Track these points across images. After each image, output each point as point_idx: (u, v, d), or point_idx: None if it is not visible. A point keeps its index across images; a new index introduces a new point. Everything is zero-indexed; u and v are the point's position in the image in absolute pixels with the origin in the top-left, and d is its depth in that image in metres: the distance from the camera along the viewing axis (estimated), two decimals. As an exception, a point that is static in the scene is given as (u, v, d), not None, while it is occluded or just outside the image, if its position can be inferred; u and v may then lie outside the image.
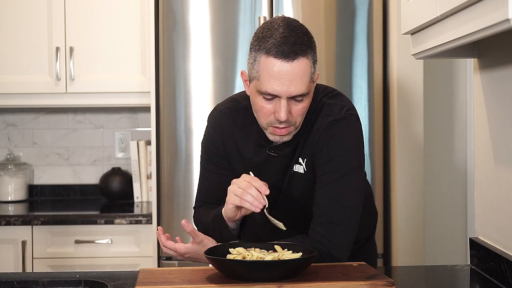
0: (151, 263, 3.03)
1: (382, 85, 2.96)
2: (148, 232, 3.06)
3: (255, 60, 1.70)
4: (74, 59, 3.26)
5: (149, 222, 3.06)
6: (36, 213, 3.22)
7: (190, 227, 1.75)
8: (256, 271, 1.52)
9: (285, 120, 1.69)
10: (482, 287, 1.73)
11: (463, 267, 1.91)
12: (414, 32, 1.72)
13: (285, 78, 1.65)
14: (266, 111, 1.72)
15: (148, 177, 3.49)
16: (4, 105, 3.33)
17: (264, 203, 1.70)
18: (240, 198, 1.70)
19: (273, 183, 1.87)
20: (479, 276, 1.79)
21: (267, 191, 1.70)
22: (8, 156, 3.61)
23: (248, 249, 1.65)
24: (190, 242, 1.79)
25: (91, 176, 3.69)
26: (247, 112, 1.84)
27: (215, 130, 1.92)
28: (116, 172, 3.55)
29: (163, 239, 1.81)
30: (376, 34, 2.93)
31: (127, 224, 3.06)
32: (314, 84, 1.76)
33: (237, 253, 1.62)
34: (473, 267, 1.87)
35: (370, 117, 2.92)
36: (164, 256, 2.98)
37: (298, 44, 1.65)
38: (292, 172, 1.83)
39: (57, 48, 3.25)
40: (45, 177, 3.69)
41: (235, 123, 1.89)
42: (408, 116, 2.93)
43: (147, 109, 3.46)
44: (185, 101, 2.94)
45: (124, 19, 3.28)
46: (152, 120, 3.01)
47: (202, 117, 2.86)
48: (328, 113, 1.79)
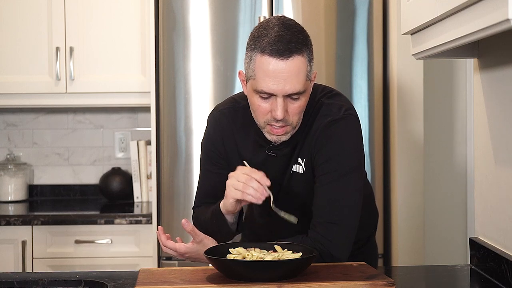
0: (151, 263, 3.03)
1: (382, 85, 2.96)
2: (148, 232, 3.06)
3: (250, 59, 1.70)
4: (74, 59, 3.26)
5: (149, 222, 3.06)
6: (36, 213, 3.22)
7: (190, 226, 1.75)
8: (256, 271, 1.52)
9: (281, 118, 1.69)
10: (482, 287, 1.73)
11: (463, 267, 1.91)
12: (414, 32, 1.72)
13: (280, 76, 1.65)
14: (262, 110, 1.72)
15: (148, 177, 3.49)
16: (4, 105, 3.33)
17: (266, 194, 1.69)
18: (242, 192, 1.70)
19: (272, 183, 1.87)
20: (479, 276, 1.79)
21: (268, 181, 1.70)
22: (8, 156, 3.61)
23: (248, 249, 1.65)
24: (190, 241, 1.80)
25: (91, 176, 3.69)
26: (246, 112, 1.84)
27: (215, 130, 1.92)
28: (116, 172, 3.55)
29: (163, 239, 1.81)
30: (376, 34, 2.93)
31: (127, 224, 3.06)
32: (311, 83, 1.76)
33: (237, 253, 1.62)
34: (473, 267, 1.87)
35: (370, 117, 2.92)
36: (164, 256, 2.98)
37: (293, 42, 1.66)
38: (291, 172, 1.83)
39: (57, 48, 3.25)
40: (45, 177, 3.69)
41: (234, 123, 1.89)
42: (408, 116, 2.93)
43: (147, 109, 3.46)
44: (185, 101, 2.94)
45: (124, 19, 3.28)
46: (152, 120, 3.01)
47: (202, 117, 2.86)
48: (326, 113, 1.79)
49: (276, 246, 1.66)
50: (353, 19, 2.92)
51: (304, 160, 1.81)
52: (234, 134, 1.89)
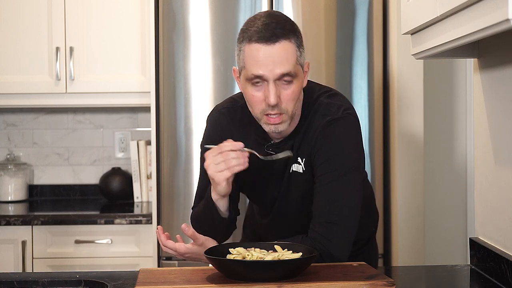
0: (151, 263, 3.03)
1: (382, 85, 2.96)
2: (148, 232, 3.06)
3: (240, 50, 1.74)
4: (74, 59, 3.26)
5: (149, 222, 3.06)
6: (36, 213, 3.22)
7: (190, 230, 1.75)
8: (256, 271, 1.52)
9: (274, 103, 1.70)
10: (482, 287, 1.73)
11: (463, 267, 1.91)
12: (414, 32, 1.72)
13: (268, 60, 1.68)
14: (256, 99, 1.73)
15: (148, 177, 3.49)
16: (4, 105, 3.33)
17: (247, 154, 1.70)
18: (227, 169, 1.70)
19: (272, 183, 1.87)
20: (479, 276, 1.79)
21: (240, 144, 1.71)
22: (8, 156, 3.61)
23: (248, 249, 1.65)
24: (191, 243, 1.79)
25: (91, 176, 3.69)
26: (245, 111, 1.84)
27: (214, 131, 1.92)
28: (116, 172, 3.55)
29: (163, 239, 1.81)
30: (376, 34, 2.93)
31: (127, 224, 3.06)
32: (305, 74, 1.78)
33: (237, 253, 1.62)
34: (473, 267, 1.87)
35: (370, 117, 2.92)
36: (164, 256, 2.98)
37: (279, 29, 1.69)
38: (291, 171, 1.83)
39: (57, 48, 3.25)
40: (45, 177, 3.69)
41: (233, 122, 1.90)
42: (408, 116, 2.93)
43: (147, 109, 3.46)
44: (185, 101, 2.94)
45: (124, 19, 3.28)
46: (152, 120, 3.01)
47: (202, 117, 2.86)
48: (325, 112, 1.79)
49: (276, 246, 1.66)
50: (353, 19, 2.92)
51: (304, 159, 1.81)
52: (233, 133, 1.89)
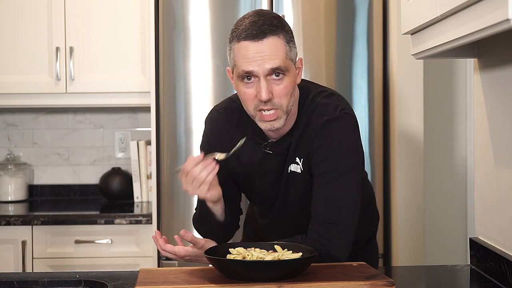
0: (151, 263, 3.03)
1: (382, 85, 2.96)
2: (148, 232, 3.06)
3: (230, 49, 1.75)
4: (74, 59, 3.26)
5: (149, 222, 3.06)
6: (36, 213, 3.22)
7: (189, 236, 1.75)
8: (256, 271, 1.52)
9: (266, 99, 1.70)
10: (482, 287, 1.73)
11: (463, 267, 1.91)
12: (414, 32, 1.72)
13: (257, 56, 1.69)
14: (249, 96, 1.73)
15: (148, 177, 3.49)
16: (4, 105, 3.33)
17: (210, 162, 1.70)
18: (202, 183, 1.71)
19: (270, 183, 1.87)
20: (479, 276, 1.79)
21: (199, 156, 1.71)
22: (8, 156, 3.61)
23: (248, 249, 1.65)
24: (190, 246, 1.79)
25: (91, 176, 3.69)
26: (243, 111, 1.84)
27: (212, 132, 1.93)
28: (116, 172, 3.55)
29: (161, 243, 1.79)
30: (376, 34, 2.93)
31: (127, 224, 3.06)
32: (298, 70, 1.78)
33: (237, 253, 1.62)
34: (473, 267, 1.87)
35: (370, 117, 2.92)
36: (164, 256, 2.98)
37: (266, 25, 1.70)
38: (289, 172, 1.83)
39: (57, 48, 3.25)
40: (45, 177, 3.69)
41: (231, 122, 1.90)
42: (408, 116, 2.93)
43: (147, 109, 3.46)
44: (185, 101, 2.94)
45: (124, 19, 3.28)
46: (152, 120, 3.01)
47: (202, 117, 2.84)
48: (322, 112, 1.79)
49: (276, 246, 1.66)
50: (353, 19, 2.92)
51: (302, 159, 1.81)
52: (231, 133, 1.89)
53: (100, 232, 3.08)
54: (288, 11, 2.90)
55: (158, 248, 1.81)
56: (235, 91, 1.84)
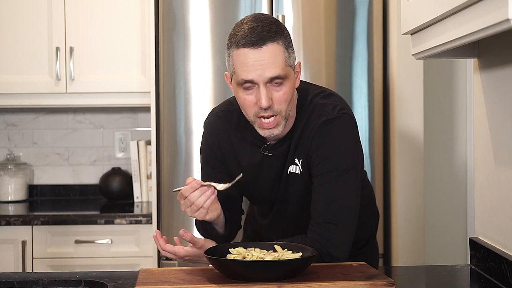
0: (151, 263, 3.03)
1: (382, 85, 2.96)
2: (148, 232, 3.06)
3: (229, 56, 1.74)
4: (74, 59, 3.26)
5: (149, 222, 3.05)
6: (36, 213, 3.22)
7: (188, 235, 1.75)
8: (256, 271, 1.52)
9: (267, 106, 1.70)
10: (482, 287, 1.73)
11: (463, 267, 1.91)
12: (414, 32, 1.72)
13: (257, 64, 1.68)
14: (248, 103, 1.73)
15: (148, 177, 3.49)
16: (4, 105, 3.33)
17: (209, 189, 1.71)
18: (201, 208, 1.72)
19: (270, 184, 1.87)
20: (479, 276, 1.79)
21: (198, 182, 1.71)
22: (8, 156, 3.61)
23: (248, 249, 1.65)
24: (190, 246, 1.79)
25: (91, 176, 3.69)
26: (242, 113, 1.84)
27: (211, 135, 1.93)
28: (116, 172, 3.55)
29: (161, 243, 1.80)
30: (376, 34, 2.93)
31: (127, 224, 3.06)
32: (297, 74, 1.78)
33: (237, 253, 1.62)
34: (473, 267, 1.87)
35: (370, 117, 2.92)
36: (164, 256, 2.98)
37: (265, 31, 1.69)
38: (288, 173, 1.83)
39: (57, 48, 3.25)
40: (45, 177, 3.69)
41: (230, 125, 1.90)
42: (408, 116, 2.93)
43: (147, 109, 3.46)
44: (185, 101, 2.94)
45: (124, 19, 3.28)
46: (152, 120, 3.01)
47: (202, 117, 2.85)
48: (321, 113, 1.79)
49: (276, 246, 1.66)
50: (353, 19, 2.92)
51: (301, 160, 1.81)
52: (230, 136, 1.89)
53: (100, 232, 3.08)
54: (288, 11, 2.90)
55: (158, 247, 1.81)
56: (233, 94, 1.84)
